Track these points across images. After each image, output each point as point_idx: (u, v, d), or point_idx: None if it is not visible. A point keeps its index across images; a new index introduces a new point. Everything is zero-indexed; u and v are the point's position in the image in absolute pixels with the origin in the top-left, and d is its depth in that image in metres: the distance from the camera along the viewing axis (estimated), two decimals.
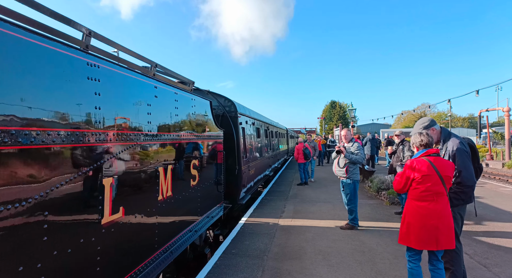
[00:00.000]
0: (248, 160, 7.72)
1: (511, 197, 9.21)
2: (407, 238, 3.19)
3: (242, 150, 7.12)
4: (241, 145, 7.07)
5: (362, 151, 6.04)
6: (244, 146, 7.44)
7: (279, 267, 4.43)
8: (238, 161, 6.83)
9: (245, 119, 7.92)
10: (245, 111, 8.26)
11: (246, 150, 7.64)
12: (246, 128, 7.89)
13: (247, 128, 8.10)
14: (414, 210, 3.16)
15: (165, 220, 3.42)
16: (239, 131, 6.97)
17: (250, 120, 8.66)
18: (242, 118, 7.51)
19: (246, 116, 8.22)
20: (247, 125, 8.16)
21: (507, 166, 18.34)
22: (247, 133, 8.07)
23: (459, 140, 3.39)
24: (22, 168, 1.68)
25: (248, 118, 8.50)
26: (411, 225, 3.15)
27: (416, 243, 3.13)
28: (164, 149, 3.37)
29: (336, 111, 68.22)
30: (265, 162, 11.32)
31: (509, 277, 4.03)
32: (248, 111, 8.83)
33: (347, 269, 4.32)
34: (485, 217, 6.83)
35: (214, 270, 4.37)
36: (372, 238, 5.53)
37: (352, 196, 6.02)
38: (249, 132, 8.44)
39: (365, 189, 10.29)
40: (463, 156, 3.26)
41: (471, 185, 3.24)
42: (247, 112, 8.59)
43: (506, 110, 20.55)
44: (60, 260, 1.93)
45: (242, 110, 7.77)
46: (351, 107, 19.48)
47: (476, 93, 21.52)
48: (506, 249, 4.98)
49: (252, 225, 6.56)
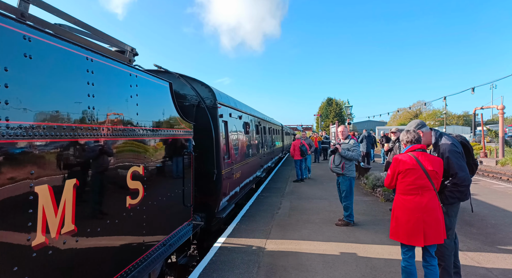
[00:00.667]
0: (231, 162, 6.42)
1: (505, 194, 9.32)
2: (396, 232, 3.26)
3: (223, 150, 5.82)
4: (222, 144, 5.75)
5: (358, 148, 6.07)
6: (226, 144, 6.24)
7: (275, 263, 4.44)
8: (217, 163, 5.46)
9: (228, 111, 6.56)
10: (228, 101, 6.78)
11: (229, 149, 6.37)
12: (229, 122, 6.59)
13: (231, 122, 6.79)
14: (401, 204, 3.24)
15: None
16: (218, 126, 5.61)
17: (235, 113, 7.35)
18: (224, 109, 6.17)
19: (230, 108, 6.81)
20: (232, 118, 6.88)
21: (501, 163, 18.55)
22: (232, 129, 6.81)
23: (451, 140, 3.41)
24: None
25: (233, 110, 7.13)
26: (399, 219, 3.22)
27: (405, 237, 3.18)
28: (53, 153, 2.09)
29: (332, 108, 68.33)
30: (255, 162, 9.92)
31: (501, 273, 4.08)
32: (233, 101, 7.44)
33: (342, 265, 4.34)
34: (479, 213, 6.90)
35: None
36: (367, 235, 5.56)
37: (348, 193, 6.04)
38: (234, 127, 7.13)
39: (361, 186, 10.34)
40: (456, 157, 3.29)
41: (466, 185, 3.28)
42: (232, 103, 7.16)
43: (500, 108, 20.74)
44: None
45: (224, 100, 6.35)
46: (347, 104, 19.59)
47: (471, 90, 21.68)
48: (499, 245, 5.04)
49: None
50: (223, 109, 6.06)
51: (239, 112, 7.83)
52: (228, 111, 6.57)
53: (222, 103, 6.04)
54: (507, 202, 8.13)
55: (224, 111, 6.14)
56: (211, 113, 5.49)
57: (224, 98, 6.50)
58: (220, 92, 6.30)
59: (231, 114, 6.83)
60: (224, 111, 6.15)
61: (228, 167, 6.13)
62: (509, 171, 16.45)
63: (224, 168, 5.76)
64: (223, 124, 6.03)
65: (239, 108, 7.97)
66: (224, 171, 5.76)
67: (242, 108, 8.42)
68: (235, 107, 7.39)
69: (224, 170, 5.76)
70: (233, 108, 7.16)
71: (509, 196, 8.92)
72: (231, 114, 6.83)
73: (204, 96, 5.60)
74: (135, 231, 3.06)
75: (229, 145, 6.37)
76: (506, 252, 4.75)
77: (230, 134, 6.56)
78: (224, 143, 6.01)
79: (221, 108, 5.84)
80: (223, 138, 5.98)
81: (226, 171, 5.95)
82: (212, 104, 5.58)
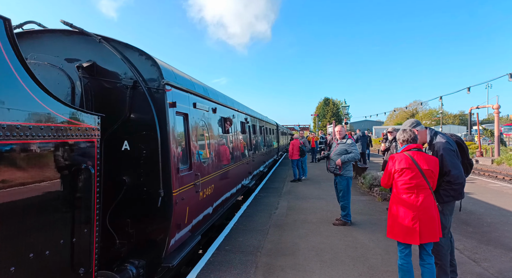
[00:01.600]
0: (195, 174, 4.49)
1: (500, 192, 9.38)
2: (392, 231, 3.30)
3: (177, 157, 3.91)
4: (174, 148, 3.85)
5: (356, 148, 6.09)
6: (186, 148, 4.35)
7: (273, 263, 4.44)
8: (164, 179, 3.56)
9: (189, 99, 4.59)
10: (190, 84, 4.76)
11: (192, 155, 4.44)
12: (193, 115, 4.65)
13: (197, 116, 4.88)
14: (396, 203, 3.28)
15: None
16: (168, 120, 3.69)
17: (205, 104, 5.31)
18: (180, 95, 4.24)
19: (194, 95, 4.81)
20: (198, 110, 4.89)
21: (496, 162, 18.69)
22: (198, 126, 4.88)
23: (445, 139, 3.44)
24: None
25: (200, 98, 5.08)
26: (395, 218, 3.26)
27: (401, 236, 3.21)
28: None
29: (329, 108, 68.54)
30: (241, 169, 8.00)
31: (497, 271, 4.10)
32: (201, 88, 5.32)
33: (340, 264, 4.35)
34: (475, 212, 6.95)
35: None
36: (364, 234, 5.58)
37: (345, 193, 6.06)
38: (204, 123, 5.16)
39: (358, 186, 10.37)
40: (450, 155, 3.33)
41: (460, 183, 3.31)
42: (199, 89, 5.12)
43: (496, 107, 20.89)
44: None
45: (182, 82, 4.39)
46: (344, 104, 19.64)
47: (467, 90, 21.82)
48: (495, 244, 5.07)
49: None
50: (178, 94, 4.15)
51: (212, 103, 5.76)
52: (189, 99, 4.62)
53: (176, 86, 4.09)
54: (503, 200, 8.19)
55: (180, 98, 4.23)
56: (154, 100, 3.66)
57: (181, 79, 4.47)
58: (173, 70, 4.34)
59: (196, 104, 4.82)
60: (180, 98, 4.23)
61: (188, 183, 4.22)
62: (504, 170, 16.58)
63: (179, 186, 3.91)
64: (179, 118, 4.17)
65: (213, 98, 5.86)
66: (179, 190, 3.89)
67: (218, 98, 6.32)
68: (204, 95, 5.32)
69: (179, 188, 3.90)
70: (200, 96, 5.11)
71: (505, 195, 8.99)
72: (196, 104, 4.82)
73: (144, 72, 3.71)
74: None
75: (190, 150, 4.43)
76: (502, 251, 4.78)
77: (194, 133, 4.65)
78: (180, 147, 4.20)
79: (172, 92, 3.93)
80: (179, 138, 4.17)
81: (184, 190, 4.05)
82: (157, 86, 3.71)
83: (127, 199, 3.57)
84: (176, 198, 3.79)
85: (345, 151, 6.00)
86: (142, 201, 3.63)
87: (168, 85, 3.83)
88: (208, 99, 5.56)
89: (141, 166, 3.64)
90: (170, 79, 3.95)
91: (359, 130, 16.13)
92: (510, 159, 17.64)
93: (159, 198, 3.52)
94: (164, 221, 3.67)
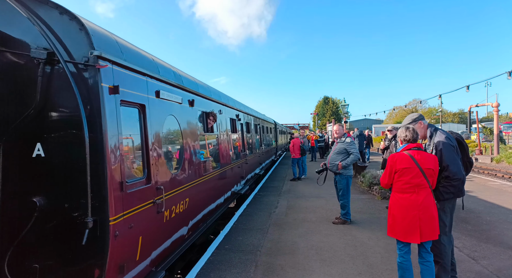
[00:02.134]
0: (156, 189, 3.35)
1: (499, 191, 9.39)
2: (392, 230, 3.31)
3: (118, 167, 2.74)
4: (114, 154, 2.68)
5: (355, 147, 6.07)
6: (143, 154, 3.26)
7: (272, 262, 4.45)
8: (95, 201, 2.49)
9: (148, 85, 3.41)
10: (147, 65, 3.55)
11: (149, 163, 3.28)
12: (153, 108, 3.47)
13: (163, 109, 3.75)
14: (397, 202, 3.28)
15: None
16: (103, 113, 2.58)
17: (176, 93, 4.17)
18: (131, 79, 3.10)
19: (156, 79, 3.61)
20: (163, 102, 3.76)
21: (496, 160, 18.70)
22: (159, 121, 3.63)
23: (445, 135, 3.47)
24: None
25: (168, 86, 3.94)
26: (395, 217, 3.27)
27: (401, 235, 3.23)
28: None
29: (329, 107, 68.48)
30: (229, 176, 6.81)
31: (496, 269, 4.11)
32: (164, 70, 4.01)
33: (339, 263, 4.36)
34: (474, 210, 6.96)
35: None
36: (364, 233, 5.59)
37: (345, 191, 6.06)
38: (173, 118, 4.04)
39: (357, 184, 10.38)
40: (449, 150, 3.34)
41: (459, 178, 3.31)
42: (162, 72, 3.89)
43: (495, 105, 20.91)
44: None
45: (131, 58, 3.17)
46: (343, 103, 19.65)
47: (466, 88, 21.82)
48: (494, 242, 5.08)
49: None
50: (126, 77, 2.98)
51: (188, 93, 4.61)
52: (149, 85, 3.40)
53: (123, 64, 2.91)
54: (502, 198, 8.20)
55: (131, 83, 3.07)
56: (81, 81, 2.54)
57: (133, 55, 3.29)
58: (118, 40, 3.15)
59: (161, 92, 3.62)
60: (131, 82, 3.07)
61: (143, 202, 3.09)
62: (504, 168, 16.60)
63: (125, 208, 2.77)
64: (127, 111, 3.02)
65: (189, 87, 4.68)
66: (125, 214, 2.75)
67: (198, 89, 5.09)
68: (174, 82, 4.11)
69: (124, 212, 2.75)
70: (168, 82, 3.92)
71: (504, 193, 9.00)
72: (161, 92, 3.62)
73: (66, 39, 2.57)
74: None
75: (149, 155, 3.27)
76: (501, 249, 4.79)
77: (156, 132, 3.49)
78: (131, 152, 3.14)
79: (113, 71, 2.75)
80: (128, 140, 3.04)
81: (134, 213, 2.90)
82: (84, 60, 2.54)
83: (38, 232, 2.48)
84: (117, 228, 2.60)
85: (344, 150, 5.99)
86: (60, 235, 2.50)
87: (104, 60, 2.60)
88: (181, 88, 4.36)
89: (62, 181, 2.53)
90: (109, 52, 2.71)
91: (357, 129, 16.15)
92: (509, 157, 17.67)
93: (85, 230, 2.38)
94: (94, 265, 2.49)
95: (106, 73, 2.67)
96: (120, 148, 2.81)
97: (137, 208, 2.99)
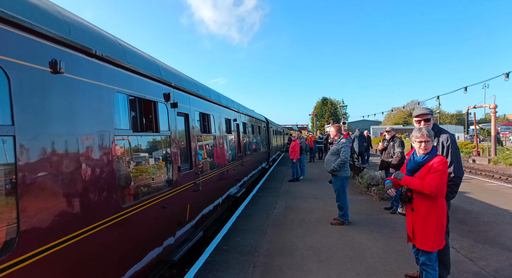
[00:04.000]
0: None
1: (497, 192, 9.43)
2: (441, 242, 3.06)
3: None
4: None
5: (346, 148, 5.92)
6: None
7: (270, 263, 4.44)
8: None
9: (189, 98, 3.14)
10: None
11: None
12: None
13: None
14: (442, 210, 3.04)
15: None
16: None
17: (92, 68, 2.64)
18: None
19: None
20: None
21: (493, 162, 18.78)
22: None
23: (449, 133, 3.57)
24: None
25: (84, 57, 2.51)
26: (443, 226, 3.05)
27: (441, 244, 3.07)
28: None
29: (327, 108, 68.65)
30: (200, 196, 4.94)
31: (494, 270, 4.13)
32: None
33: (337, 264, 4.36)
34: (472, 211, 6.98)
35: None
36: (362, 234, 5.59)
37: (340, 193, 6.07)
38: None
39: (356, 185, 10.39)
40: (455, 147, 3.42)
41: (460, 177, 3.36)
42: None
43: (493, 107, 21.01)
44: None
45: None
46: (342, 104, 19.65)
47: (464, 90, 21.90)
48: (491, 243, 5.10)
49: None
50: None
51: (120, 70, 2.99)
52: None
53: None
54: (499, 200, 8.23)
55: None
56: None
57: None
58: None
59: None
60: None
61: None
62: (501, 169, 16.67)
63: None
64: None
65: (123, 61, 3.03)
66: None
67: (144, 65, 3.37)
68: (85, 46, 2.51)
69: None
70: (77, 46, 2.41)
71: (501, 194, 9.03)
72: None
73: None
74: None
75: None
76: (499, 250, 4.81)
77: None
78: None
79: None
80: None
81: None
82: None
83: None
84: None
85: (336, 151, 6.00)
86: None
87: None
88: (104, 59, 2.75)
89: None
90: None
91: (358, 129, 16.16)
92: (506, 159, 17.75)
93: None
94: None
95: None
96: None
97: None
